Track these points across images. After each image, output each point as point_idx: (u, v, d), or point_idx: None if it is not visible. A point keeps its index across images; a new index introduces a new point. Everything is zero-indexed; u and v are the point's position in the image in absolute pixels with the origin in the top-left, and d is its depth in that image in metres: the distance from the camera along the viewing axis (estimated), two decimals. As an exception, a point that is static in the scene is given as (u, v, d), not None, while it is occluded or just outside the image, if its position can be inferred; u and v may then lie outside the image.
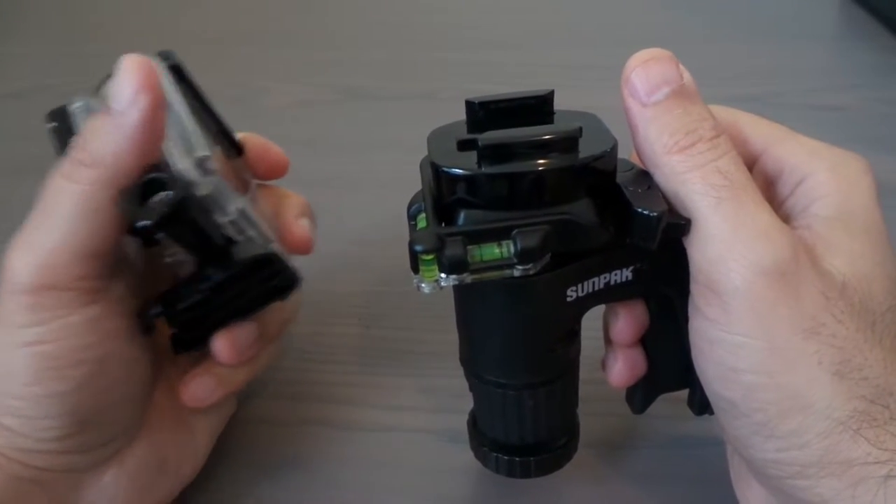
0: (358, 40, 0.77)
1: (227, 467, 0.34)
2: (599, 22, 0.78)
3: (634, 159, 0.27)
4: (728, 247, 0.23)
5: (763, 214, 0.23)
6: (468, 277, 0.23)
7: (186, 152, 0.27)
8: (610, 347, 0.30)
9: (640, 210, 0.23)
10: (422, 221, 0.25)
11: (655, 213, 0.23)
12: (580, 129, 0.24)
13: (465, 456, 0.33)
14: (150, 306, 0.28)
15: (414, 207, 0.26)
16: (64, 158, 0.26)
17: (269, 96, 0.67)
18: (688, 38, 0.73)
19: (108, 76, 0.29)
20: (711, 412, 0.31)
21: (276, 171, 0.37)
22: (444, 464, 0.34)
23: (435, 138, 0.25)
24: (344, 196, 0.54)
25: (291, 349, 0.41)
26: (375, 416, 0.37)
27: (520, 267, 0.23)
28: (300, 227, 0.35)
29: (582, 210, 0.24)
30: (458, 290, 0.27)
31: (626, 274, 0.26)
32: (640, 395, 0.31)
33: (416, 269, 0.23)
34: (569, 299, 0.25)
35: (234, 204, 0.27)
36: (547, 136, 0.23)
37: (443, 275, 0.23)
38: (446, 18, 0.81)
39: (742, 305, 0.23)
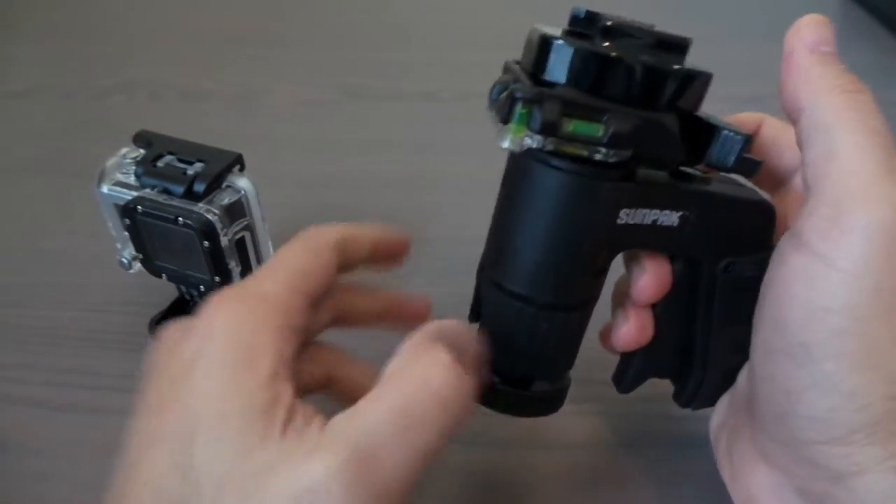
0: (358, 40, 0.77)
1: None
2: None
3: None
4: (876, 183, 0.23)
5: None
6: (551, 144, 0.23)
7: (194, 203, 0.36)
8: (622, 309, 0.30)
9: (726, 130, 0.25)
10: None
11: (742, 134, 0.25)
12: (688, 42, 0.25)
13: (465, 456, 0.33)
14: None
15: (497, 88, 0.24)
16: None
17: (269, 96, 0.67)
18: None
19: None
20: (696, 407, 0.31)
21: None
22: (444, 464, 0.34)
23: (537, 28, 0.25)
24: (344, 196, 0.53)
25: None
26: (375, 416, 0.37)
27: (603, 150, 0.23)
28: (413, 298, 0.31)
29: (670, 121, 0.25)
30: (512, 179, 0.26)
31: (674, 218, 0.26)
32: (633, 372, 0.31)
33: (506, 120, 0.22)
34: (619, 221, 0.25)
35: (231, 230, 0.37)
36: (664, 33, 0.24)
37: (530, 133, 0.22)
38: (446, 18, 0.81)
39: (868, 242, 0.23)
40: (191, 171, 0.37)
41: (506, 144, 0.23)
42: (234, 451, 0.21)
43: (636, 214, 0.26)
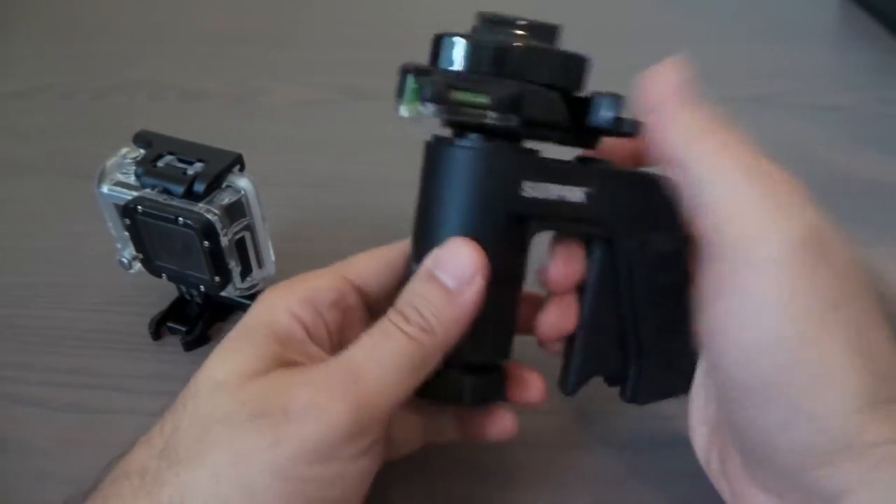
0: (358, 40, 0.77)
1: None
2: (599, 22, 0.78)
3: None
4: (764, 221, 0.24)
5: (793, 196, 0.24)
6: (445, 113, 0.25)
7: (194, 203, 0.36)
8: (547, 299, 0.30)
9: (599, 94, 0.27)
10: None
11: (613, 94, 0.27)
12: (560, 26, 0.28)
13: (465, 456, 0.33)
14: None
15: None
16: (396, 312, 0.27)
17: (268, 96, 0.67)
18: (688, 38, 0.73)
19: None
20: (643, 401, 0.31)
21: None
22: (445, 464, 0.34)
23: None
24: (344, 196, 0.54)
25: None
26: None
27: (492, 114, 0.25)
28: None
29: (553, 95, 0.27)
30: (426, 170, 0.28)
31: (579, 194, 0.28)
32: (574, 370, 0.30)
33: (401, 93, 0.26)
34: (524, 194, 0.27)
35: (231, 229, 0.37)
36: (536, 21, 0.27)
37: (423, 103, 0.26)
38: (447, 19, 0.81)
39: (777, 275, 0.23)
40: (191, 171, 0.37)
41: (402, 113, 0.26)
42: (228, 369, 0.26)
43: (540, 188, 0.27)
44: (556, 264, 0.29)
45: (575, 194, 0.28)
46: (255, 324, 0.28)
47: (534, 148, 0.28)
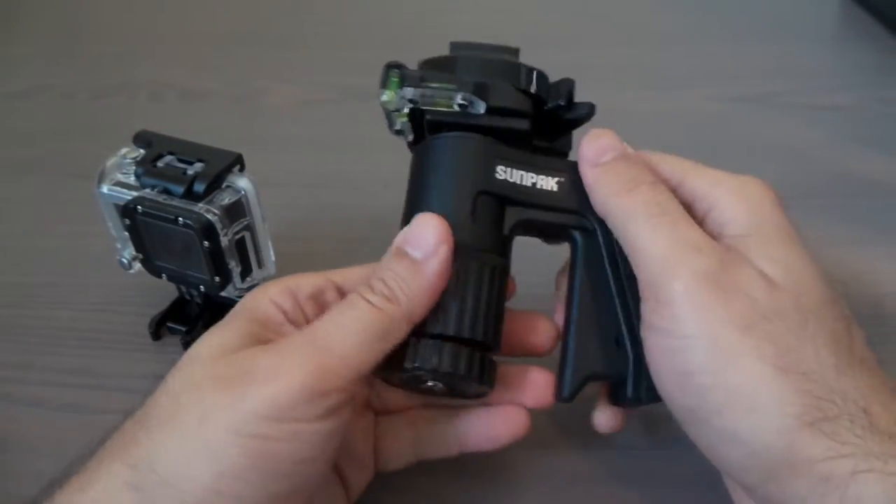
0: (358, 40, 0.77)
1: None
2: (600, 22, 0.78)
3: None
4: (668, 260, 0.27)
5: (693, 232, 0.27)
6: (419, 93, 0.30)
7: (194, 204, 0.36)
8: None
9: (553, 81, 0.31)
10: None
11: (566, 80, 0.31)
12: (518, 48, 0.33)
13: (464, 456, 0.33)
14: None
15: None
16: (364, 285, 0.28)
17: (269, 96, 0.67)
18: (688, 38, 0.73)
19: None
20: (647, 399, 0.30)
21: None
22: (444, 463, 0.34)
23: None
24: (344, 196, 0.54)
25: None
26: (376, 416, 0.37)
27: (459, 96, 0.30)
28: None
29: (510, 87, 0.31)
30: (413, 165, 0.32)
31: (551, 183, 0.31)
32: (567, 372, 0.30)
33: (384, 84, 0.31)
34: (497, 176, 0.30)
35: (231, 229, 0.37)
36: (500, 45, 0.32)
37: (402, 91, 0.30)
38: (447, 19, 0.81)
39: (685, 308, 0.26)
40: (191, 171, 0.37)
41: (384, 98, 0.31)
42: (215, 344, 0.27)
43: (513, 173, 0.30)
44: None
45: (547, 183, 0.31)
46: (238, 310, 0.29)
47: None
